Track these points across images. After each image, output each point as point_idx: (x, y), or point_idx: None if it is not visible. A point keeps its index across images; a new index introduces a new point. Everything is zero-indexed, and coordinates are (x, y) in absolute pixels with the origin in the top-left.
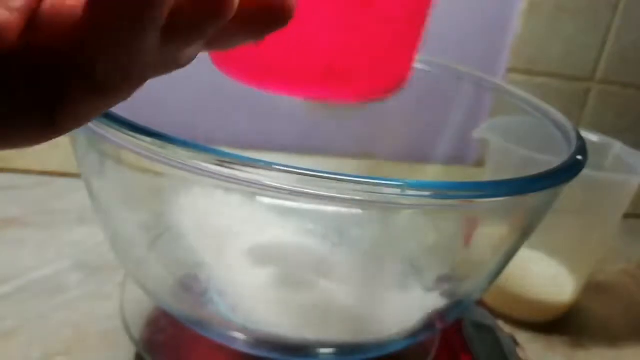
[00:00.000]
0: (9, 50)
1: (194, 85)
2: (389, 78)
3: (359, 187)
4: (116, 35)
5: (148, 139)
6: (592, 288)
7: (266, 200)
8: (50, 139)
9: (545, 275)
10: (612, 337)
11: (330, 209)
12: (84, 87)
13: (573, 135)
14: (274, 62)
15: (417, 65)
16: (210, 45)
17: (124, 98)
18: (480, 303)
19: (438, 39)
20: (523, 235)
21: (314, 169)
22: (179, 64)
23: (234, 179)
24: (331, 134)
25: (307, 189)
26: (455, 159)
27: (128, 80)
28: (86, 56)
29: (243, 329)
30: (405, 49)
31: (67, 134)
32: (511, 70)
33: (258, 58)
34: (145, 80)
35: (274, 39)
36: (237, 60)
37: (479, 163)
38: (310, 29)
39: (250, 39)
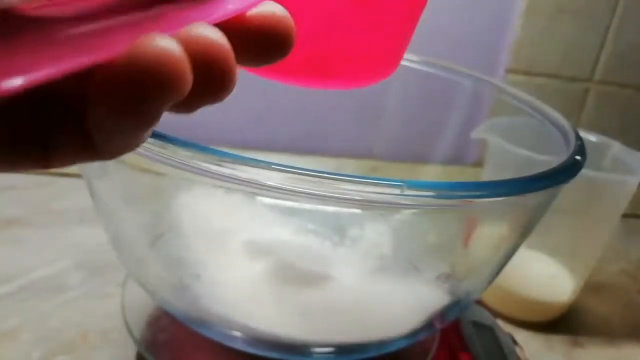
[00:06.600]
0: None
1: None
2: (374, 67)
3: (359, 187)
4: (121, 126)
5: (148, 139)
6: (590, 288)
7: (266, 200)
8: (45, 169)
9: (544, 275)
10: (610, 337)
11: (330, 209)
12: (78, 145)
13: (572, 135)
14: None
15: (417, 65)
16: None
17: (114, 158)
18: (480, 303)
19: (438, 39)
20: (522, 234)
21: (314, 169)
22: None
23: (234, 179)
24: (331, 134)
25: (307, 189)
26: (455, 159)
27: (120, 150)
28: (87, 127)
29: (243, 328)
30: (394, 36)
31: None
32: (510, 70)
33: None
34: (134, 149)
35: None
36: None
37: (479, 163)
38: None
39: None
